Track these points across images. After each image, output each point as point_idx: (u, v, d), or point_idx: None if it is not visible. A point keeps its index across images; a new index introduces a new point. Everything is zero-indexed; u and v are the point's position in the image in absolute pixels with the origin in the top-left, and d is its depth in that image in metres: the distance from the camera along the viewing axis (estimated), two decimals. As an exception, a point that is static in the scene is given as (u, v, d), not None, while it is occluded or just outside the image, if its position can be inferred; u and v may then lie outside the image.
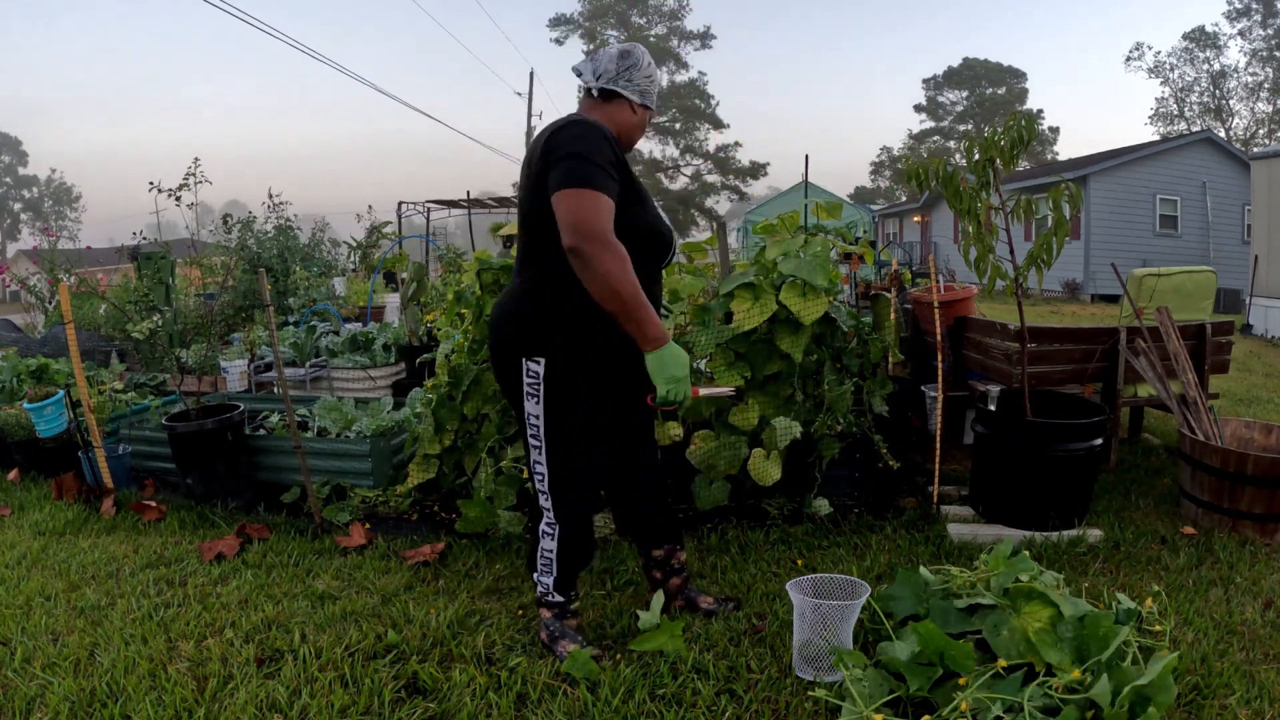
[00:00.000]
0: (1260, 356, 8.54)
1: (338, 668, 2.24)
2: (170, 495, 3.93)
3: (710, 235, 4.47)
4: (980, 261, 3.09)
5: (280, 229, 9.42)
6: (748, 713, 2.02)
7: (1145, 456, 4.23)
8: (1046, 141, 45.61)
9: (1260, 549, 2.94)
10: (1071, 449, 3.09)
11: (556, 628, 2.29)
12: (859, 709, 1.87)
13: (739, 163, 39.99)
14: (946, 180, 3.09)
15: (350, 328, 6.84)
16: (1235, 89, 36.78)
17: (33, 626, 2.55)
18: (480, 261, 3.88)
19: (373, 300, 8.04)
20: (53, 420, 4.22)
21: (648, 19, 41.93)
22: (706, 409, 3.51)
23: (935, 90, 48.09)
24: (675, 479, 3.40)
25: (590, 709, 2.03)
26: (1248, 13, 35.31)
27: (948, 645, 1.91)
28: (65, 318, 3.82)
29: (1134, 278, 4.40)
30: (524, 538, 3.20)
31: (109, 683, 2.19)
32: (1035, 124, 3.22)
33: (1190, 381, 3.49)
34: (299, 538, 3.31)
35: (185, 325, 6.51)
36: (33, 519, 3.64)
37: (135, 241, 8.79)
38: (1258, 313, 11.17)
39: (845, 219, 17.27)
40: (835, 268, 3.38)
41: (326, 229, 10.77)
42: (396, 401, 4.73)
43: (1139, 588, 2.63)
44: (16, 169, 56.14)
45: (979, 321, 4.26)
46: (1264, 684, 2.05)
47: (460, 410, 3.62)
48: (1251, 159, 12.96)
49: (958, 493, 3.66)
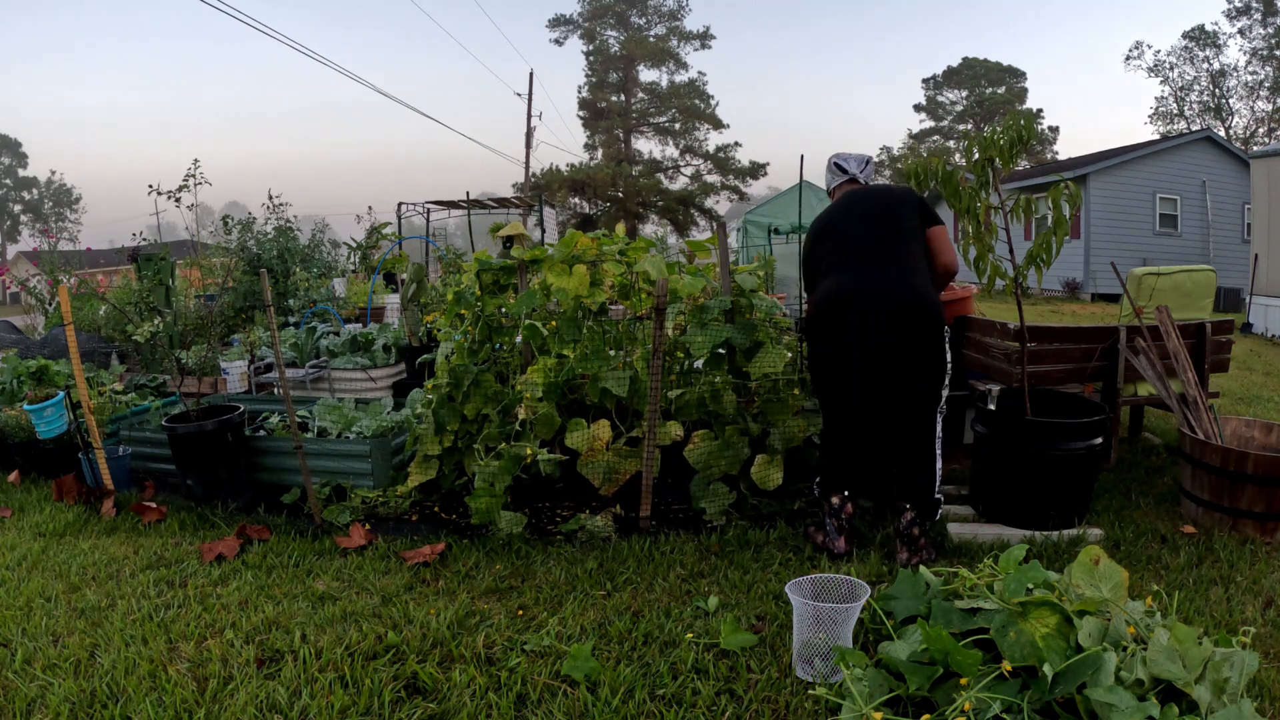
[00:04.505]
0: (1260, 355, 8.53)
1: (338, 668, 2.24)
2: (170, 496, 3.93)
3: (710, 235, 4.47)
4: (980, 261, 3.09)
5: (280, 230, 9.41)
6: (748, 713, 2.02)
7: (1145, 455, 4.23)
8: (1046, 141, 45.57)
9: (1260, 548, 2.94)
10: (1071, 448, 3.09)
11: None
12: (859, 708, 1.87)
13: (739, 163, 39.93)
14: (946, 180, 3.09)
15: (350, 329, 6.84)
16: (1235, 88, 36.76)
17: (33, 628, 2.55)
18: (480, 262, 3.89)
19: (373, 301, 8.04)
20: (53, 422, 4.22)
21: (647, 19, 41.88)
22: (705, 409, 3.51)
23: (935, 90, 48.06)
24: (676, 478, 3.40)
25: (590, 709, 2.03)
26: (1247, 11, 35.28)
27: (952, 647, 1.90)
28: (65, 319, 3.82)
29: (1134, 277, 4.40)
30: (525, 538, 3.21)
31: (109, 684, 2.19)
32: (1035, 123, 3.22)
33: (1190, 380, 3.49)
34: (299, 539, 3.31)
35: (185, 326, 6.50)
36: (33, 520, 3.64)
37: (135, 243, 8.79)
38: (1258, 311, 11.17)
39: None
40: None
41: (326, 230, 10.76)
42: (397, 402, 4.73)
43: (1139, 587, 2.63)
44: (16, 171, 56.15)
45: (979, 321, 4.26)
46: (1264, 683, 2.05)
47: (460, 411, 3.62)
48: (1251, 158, 12.95)
49: (958, 492, 3.66)
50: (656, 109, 41.33)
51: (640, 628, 2.44)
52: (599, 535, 3.23)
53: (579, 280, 3.54)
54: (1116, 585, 2.10)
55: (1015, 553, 2.29)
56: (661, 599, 2.66)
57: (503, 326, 3.97)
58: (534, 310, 3.69)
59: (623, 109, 41.17)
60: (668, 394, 3.70)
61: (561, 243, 3.65)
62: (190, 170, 8.70)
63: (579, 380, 3.76)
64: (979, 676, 1.89)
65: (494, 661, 2.29)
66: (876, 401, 2.94)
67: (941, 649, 1.92)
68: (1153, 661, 1.85)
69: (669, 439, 3.44)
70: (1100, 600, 2.05)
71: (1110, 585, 2.10)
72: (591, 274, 3.66)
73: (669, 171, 41.39)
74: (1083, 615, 1.98)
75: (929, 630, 1.95)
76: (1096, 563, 2.15)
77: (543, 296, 3.66)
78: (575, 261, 3.63)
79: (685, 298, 3.84)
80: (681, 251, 4.37)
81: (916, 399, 2.94)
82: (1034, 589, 2.08)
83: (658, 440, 3.33)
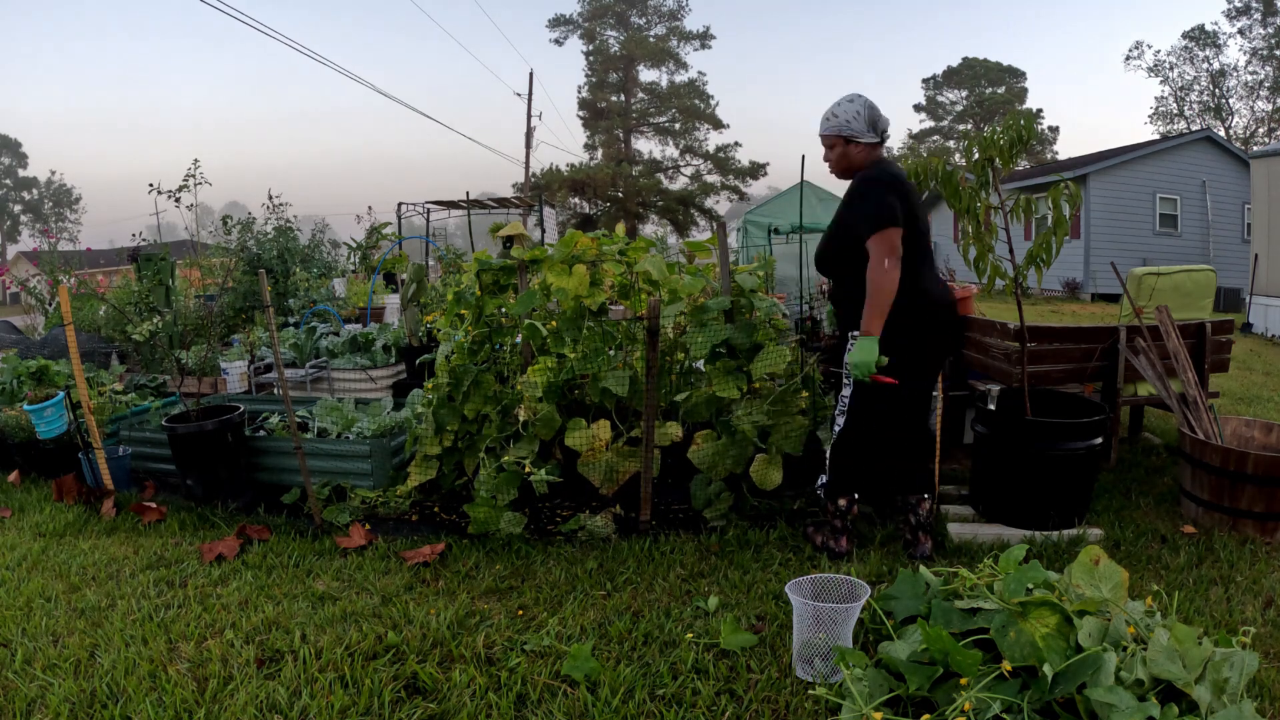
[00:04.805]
0: (1260, 355, 8.53)
1: (338, 668, 2.24)
2: (170, 496, 3.93)
3: (710, 235, 4.47)
4: (980, 261, 3.09)
5: (280, 230, 9.41)
6: (748, 713, 2.02)
7: (1145, 455, 4.23)
8: (1046, 141, 45.56)
9: (1260, 547, 2.94)
10: (1071, 448, 3.09)
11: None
12: (859, 707, 1.87)
13: (738, 163, 39.92)
14: (946, 180, 3.09)
15: (350, 329, 6.84)
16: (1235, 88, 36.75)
17: (33, 628, 2.55)
18: (480, 262, 3.88)
19: (373, 301, 8.04)
20: (53, 422, 4.22)
21: (647, 19, 41.87)
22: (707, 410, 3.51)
23: (935, 90, 48.05)
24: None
25: (590, 709, 2.03)
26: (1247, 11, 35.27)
27: (952, 647, 1.90)
28: (65, 319, 3.82)
29: (1134, 276, 4.40)
30: (525, 538, 3.21)
31: (109, 684, 2.19)
32: (1034, 123, 3.22)
33: (1190, 380, 3.49)
34: (299, 539, 3.31)
35: (185, 327, 6.50)
36: (33, 520, 3.64)
37: (135, 243, 8.79)
38: (1258, 311, 11.17)
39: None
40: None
41: (326, 230, 10.75)
42: (397, 402, 4.73)
43: (1139, 587, 2.63)
44: (16, 171, 56.14)
45: (979, 321, 4.26)
46: (1264, 683, 2.05)
47: (460, 411, 3.62)
48: (1251, 158, 12.95)
49: (958, 492, 3.66)
50: (656, 109, 41.32)
51: (640, 628, 2.44)
52: (599, 535, 3.23)
53: (579, 280, 3.54)
54: (1116, 585, 2.10)
55: (1015, 553, 2.29)
56: (661, 599, 2.66)
57: (503, 326, 3.96)
58: (534, 310, 3.69)
59: (623, 109, 41.16)
60: (674, 397, 3.70)
61: (561, 243, 3.65)
62: (190, 170, 8.70)
63: (579, 380, 3.76)
64: (979, 676, 1.89)
65: (494, 661, 2.29)
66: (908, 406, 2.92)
67: (941, 649, 1.92)
68: (1153, 661, 1.84)
69: (669, 440, 3.44)
70: (1100, 600, 2.05)
71: (1110, 585, 2.10)
72: (591, 274, 3.66)
73: (669, 171, 41.39)
74: (1083, 615, 1.98)
75: (929, 630, 1.95)
76: (1096, 563, 2.15)
77: (543, 296, 3.66)
78: (575, 261, 3.63)
79: (685, 298, 3.84)
80: (681, 252, 4.37)
81: (922, 398, 2.97)
82: (1034, 589, 2.08)
83: (658, 441, 3.33)
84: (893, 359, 2.67)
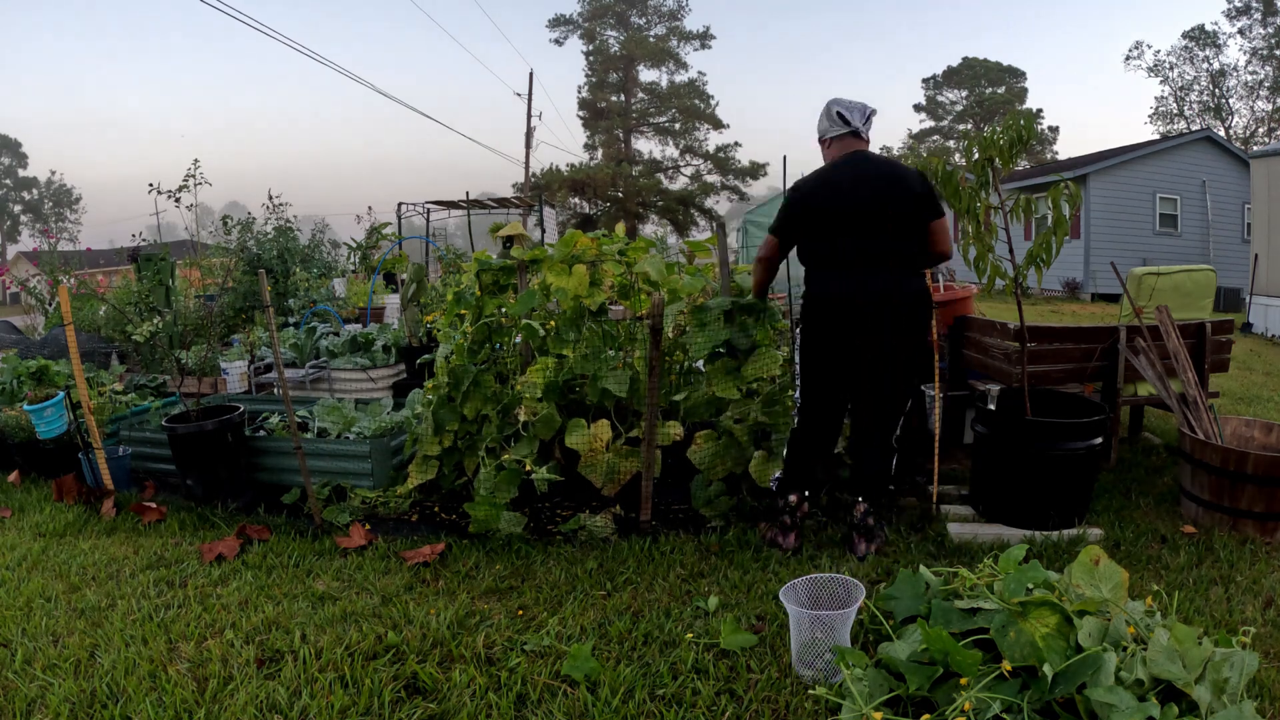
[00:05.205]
0: (1260, 355, 8.53)
1: (338, 668, 2.24)
2: (170, 497, 3.93)
3: (710, 235, 4.47)
4: (980, 261, 3.09)
5: (280, 230, 9.41)
6: (748, 713, 2.02)
7: (1145, 455, 4.23)
8: (1046, 141, 45.56)
9: (1260, 547, 2.94)
10: (1071, 448, 3.09)
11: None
12: (859, 708, 1.87)
13: (738, 163, 39.93)
14: (946, 179, 3.09)
15: (350, 329, 6.84)
16: (1235, 88, 36.75)
17: (33, 628, 2.55)
18: (480, 262, 3.88)
19: (373, 301, 8.04)
20: (53, 422, 4.22)
21: (647, 19, 41.88)
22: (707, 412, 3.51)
23: (935, 90, 48.06)
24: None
25: (590, 709, 2.03)
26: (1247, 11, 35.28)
27: (952, 647, 1.90)
28: (65, 319, 3.82)
29: (1134, 276, 4.40)
30: (525, 538, 3.21)
31: (109, 684, 2.19)
32: (1034, 123, 3.22)
33: (1190, 380, 3.49)
34: (299, 539, 3.31)
35: (185, 327, 6.51)
36: (33, 520, 3.64)
37: (135, 243, 8.80)
38: (1258, 311, 11.17)
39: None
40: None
41: (326, 230, 10.76)
42: (396, 402, 4.73)
43: (1139, 587, 2.63)
44: (16, 171, 56.14)
45: (979, 321, 4.26)
46: (1264, 683, 2.05)
47: (460, 411, 3.62)
48: (1251, 157, 12.95)
49: (958, 492, 3.66)
50: (656, 109, 41.31)
51: (640, 628, 2.44)
52: (599, 535, 3.23)
53: (578, 280, 3.54)
54: (1116, 585, 2.10)
55: (1015, 553, 2.29)
56: (661, 599, 2.66)
57: (502, 327, 3.97)
58: (533, 310, 3.70)
59: (623, 109, 41.16)
60: (673, 397, 3.70)
61: (561, 243, 3.65)
62: (190, 170, 8.70)
63: (579, 380, 3.76)
64: (979, 676, 1.89)
65: (494, 661, 2.29)
66: (864, 400, 3.02)
67: (941, 649, 1.92)
68: (1153, 661, 1.84)
69: (670, 439, 3.44)
70: (1100, 600, 2.05)
71: (1110, 585, 2.10)
72: (591, 274, 3.66)
73: (669, 171, 41.39)
74: (1083, 615, 1.97)
75: (929, 630, 1.95)
76: (1096, 563, 2.15)
77: (542, 297, 3.66)
78: (575, 261, 3.63)
79: (685, 298, 3.84)
80: (681, 251, 4.37)
81: (898, 396, 3.00)
82: (1034, 589, 2.08)
83: (658, 440, 3.33)
84: (798, 352, 3.09)
